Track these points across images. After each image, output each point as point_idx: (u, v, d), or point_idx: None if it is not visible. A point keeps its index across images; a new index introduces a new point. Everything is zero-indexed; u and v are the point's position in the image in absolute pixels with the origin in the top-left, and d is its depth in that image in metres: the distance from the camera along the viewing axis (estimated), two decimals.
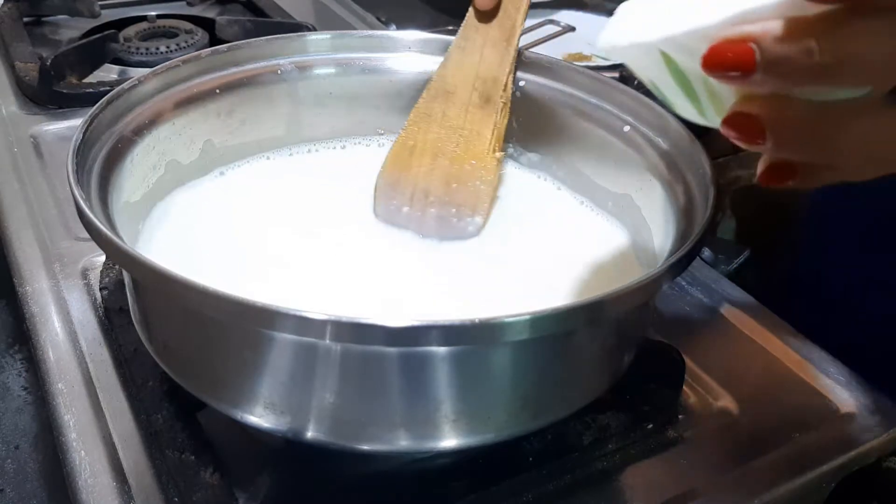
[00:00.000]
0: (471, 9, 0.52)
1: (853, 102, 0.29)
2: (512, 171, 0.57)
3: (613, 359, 0.43)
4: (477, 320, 0.33)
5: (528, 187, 0.56)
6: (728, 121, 0.30)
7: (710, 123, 0.33)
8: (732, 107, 0.30)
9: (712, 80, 0.30)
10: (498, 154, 0.52)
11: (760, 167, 0.32)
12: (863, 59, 0.27)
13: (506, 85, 0.52)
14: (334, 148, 0.59)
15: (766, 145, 0.30)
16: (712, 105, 0.32)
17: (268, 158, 0.57)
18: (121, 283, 0.53)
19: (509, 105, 0.53)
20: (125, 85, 0.48)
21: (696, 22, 0.29)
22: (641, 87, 0.38)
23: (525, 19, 0.52)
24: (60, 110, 0.78)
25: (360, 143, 0.59)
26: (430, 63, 0.57)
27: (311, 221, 0.52)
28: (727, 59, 0.28)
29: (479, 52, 0.52)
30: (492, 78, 0.52)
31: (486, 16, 0.51)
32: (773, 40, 0.27)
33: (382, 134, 0.59)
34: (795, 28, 0.27)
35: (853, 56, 0.27)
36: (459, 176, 0.52)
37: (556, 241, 0.52)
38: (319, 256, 0.49)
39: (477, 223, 0.52)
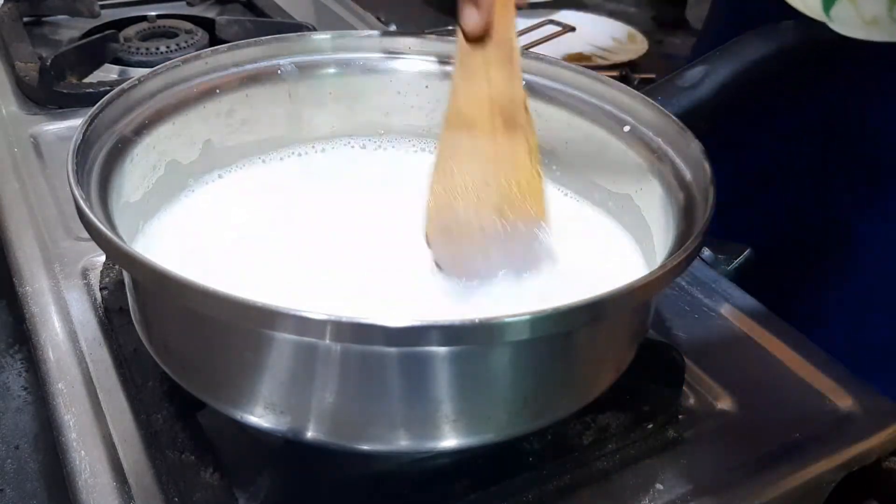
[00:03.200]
0: (460, 36, 0.49)
1: None
2: None
3: (613, 359, 0.43)
4: (477, 320, 0.33)
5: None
6: None
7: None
8: None
9: None
10: (540, 170, 0.49)
11: None
12: None
13: (524, 102, 0.49)
14: (334, 148, 0.59)
15: None
16: None
17: (267, 159, 0.57)
18: (121, 283, 0.53)
19: (531, 120, 0.50)
20: (125, 85, 0.48)
21: None
22: (641, 87, 0.38)
23: (516, 32, 0.49)
24: (60, 110, 0.78)
25: (360, 143, 0.59)
26: (429, 63, 0.57)
27: (311, 221, 0.52)
28: None
29: (484, 77, 0.49)
30: (508, 100, 0.49)
31: (479, 39, 0.48)
32: None
33: (382, 134, 0.59)
34: None
35: None
36: (511, 206, 0.49)
37: (556, 241, 0.52)
38: (319, 256, 0.49)
39: (548, 249, 0.49)
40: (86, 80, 0.82)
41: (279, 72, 0.55)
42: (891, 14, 0.31)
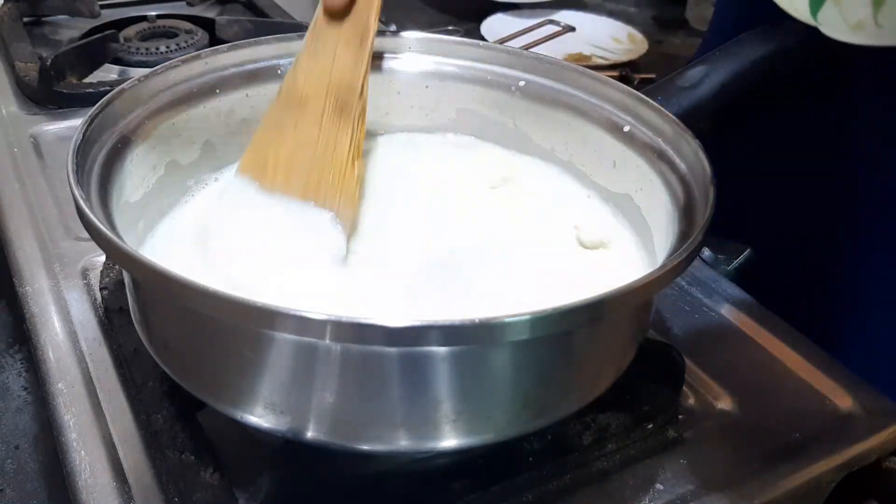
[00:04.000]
0: (319, 9, 0.48)
1: None
2: (512, 171, 0.57)
3: (613, 359, 0.43)
4: (477, 320, 0.33)
5: (528, 187, 0.56)
6: None
7: None
8: None
9: None
10: (358, 165, 0.48)
11: None
12: None
13: (362, 90, 0.48)
14: None
15: None
16: None
17: None
18: (121, 283, 0.53)
19: (366, 112, 0.49)
20: (125, 85, 0.48)
21: None
22: (641, 87, 0.38)
23: (378, 19, 0.49)
24: (60, 110, 0.78)
25: None
26: (429, 63, 0.57)
27: (312, 222, 0.52)
28: None
29: (331, 55, 0.47)
30: (347, 83, 0.48)
31: (338, 16, 0.47)
32: None
33: (382, 134, 0.59)
34: None
35: None
36: (318, 193, 0.48)
37: (557, 240, 0.52)
38: (320, 256, 0.49)
39: (337, 241, 0.48)
40: (86, 80, 0.82)
41: (279, 72, 0.55)
42: (875, 19, 0.31)
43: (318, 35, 0.48)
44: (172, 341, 0.42)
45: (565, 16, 1.31)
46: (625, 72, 1.22)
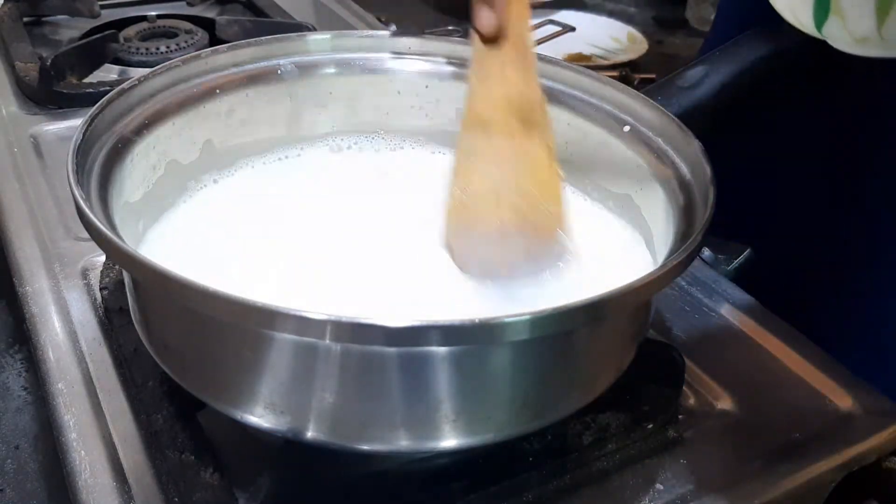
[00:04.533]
0: (475, 37, 0.48)
1: None
2: None
3: (613, 359, 0.43)
4: (477, 320, 0.33)
5: None
6: None
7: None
8: None
9: None
10: (558, 170, 0.49)
11: None
12: None
13: (542, 101, 0.48)
14: (334, 149, 0.59)
15: None
16: None
17: (267, 159, 0.57)
18: (121, 283, 0.53)
19: (549, 119, 0.49)
20: (125, 85, 0.48)
21: None
22: (641, 87, 0.38)
23: (530, 29, 0.49)
24: (60, 110, 0.78)
25: (360, 143, 0.59)
26: (429, 63, 0.57)
27: (311, 221, 0.52)
28: None
29: (500, 77, 0.48)
30: (525, 100, 0.48)
31: (494, 39, 0.48)
32: None
33: (382, 134, 0.59)
34: None
35: None
36: (531, 206, 0.48)
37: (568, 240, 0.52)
38: (320, 256, 0.49)
39: (566, 247, 0.48)
40: (86, 80, 0.82)
41: (279, 72, 0.55)
42: (879, 32, 0.31)
43: (481, 63, 0.48)
44: (172, 341, 0.42)
45: (565, 16, 1.31)
46: (625, 72, 1.22)
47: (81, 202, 0.38)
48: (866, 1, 0.29)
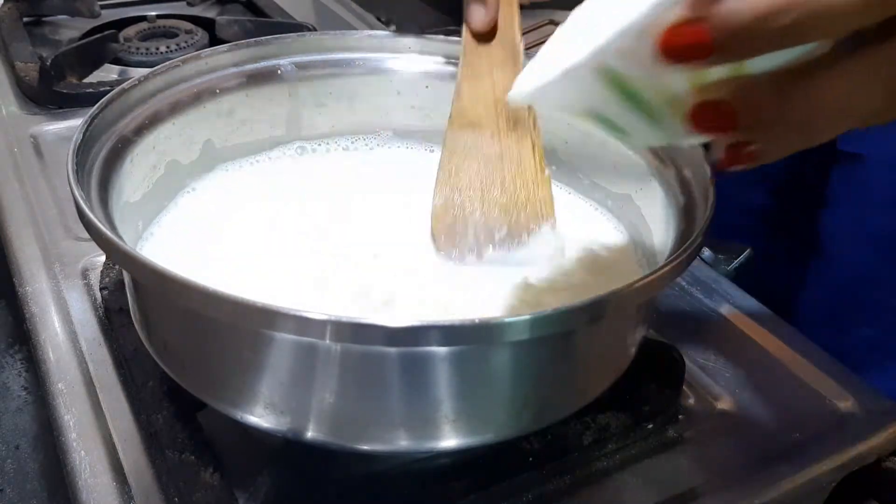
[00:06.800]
0: (466, 35, 0.49)
1: (807, 60, 0.27)
2: None
3: (613, 359, 0.43)
4: (477, 320, 0.33)
5: None
6: (696, 114, 0.28)
7: (670, 137, 0.31)
8: (693, 100, 0.28)
9: (665, 79, 0.28)
10: (547, 172, 0.49)
11: (720, 154, 0.30)
12: (824, 6, 0.25)
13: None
14: (334, 149, 0.59)
15: (738, 128, 0.28)
16: (669, 110, 0.30)
17: (268, 159, 0.57)
18: (121, 283, 0.53)
19: (538, 120, 0.50)
20: (125, 85, 0.48)
21: (622, 22, 0.26)
22: None
23: (521, 31, 0.49)
24: (60, 110, 0.78)
25: (360, 143, 0.59)
26: (429, 63, 0.57)
27: (312, 221, 0.52)
28: (686, 36, 0.25)
29: (489, 77, 0.49)
30: None
31: (485, 38, 0.48)
32: (725, 12, 0.25)
33: (382, 134, 0.59)
34: None
35: (813, 9, 0.25)
36: (516, 204, 0.49)
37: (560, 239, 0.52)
38: (320, 256, 0.49)
39: (554, 243, 0.49)
40: (86, 80, 0.82)
41: (279, 72, 0.55)
42: (662, 127, 0.31)
43: (471, 60, 0.49)
44: (172, 341, 0.42)
45: (565, 16, 1.31)
46: None
47: (81, 202, 0.38)
48: (637, 119, 0.30)
